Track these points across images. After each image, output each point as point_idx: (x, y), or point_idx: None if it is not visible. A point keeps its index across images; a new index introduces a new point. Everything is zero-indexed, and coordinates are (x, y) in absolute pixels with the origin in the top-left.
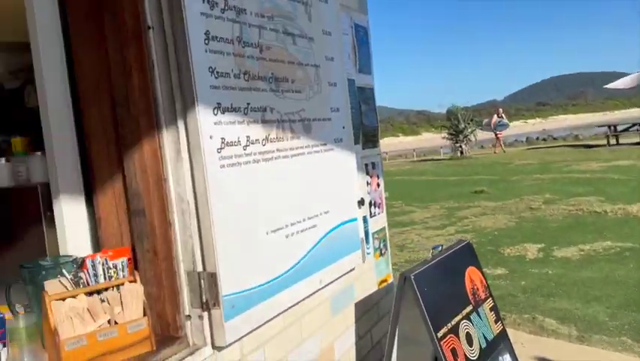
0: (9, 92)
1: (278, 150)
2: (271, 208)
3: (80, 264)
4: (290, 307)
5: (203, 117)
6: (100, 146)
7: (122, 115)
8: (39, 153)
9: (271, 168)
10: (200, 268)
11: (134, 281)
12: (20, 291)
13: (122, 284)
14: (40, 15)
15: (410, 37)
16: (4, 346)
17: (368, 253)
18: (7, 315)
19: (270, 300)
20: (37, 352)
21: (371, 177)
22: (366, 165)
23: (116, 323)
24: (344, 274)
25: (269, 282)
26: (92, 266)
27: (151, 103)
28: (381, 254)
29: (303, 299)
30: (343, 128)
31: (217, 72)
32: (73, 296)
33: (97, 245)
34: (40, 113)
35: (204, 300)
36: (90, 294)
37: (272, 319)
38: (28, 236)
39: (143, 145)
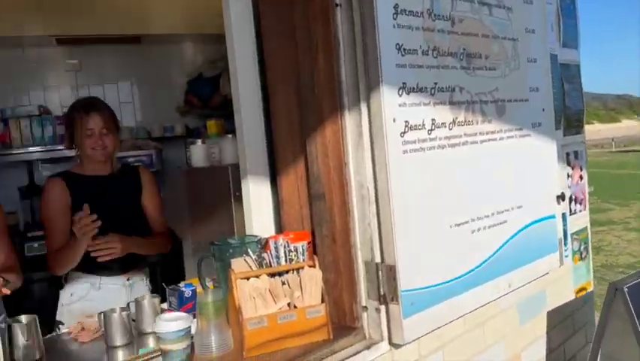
0: (208, 79)
1: (466, 134)
2: (456, 200)
3: (264, 244)
4: (473, 310)
5: (388, 99)
6: (285, 129)
7: (307, 98)
8: (230, 136)
9: (458, 155)
10: (378, 259)
11: (313, 266)
12: (210, 266)
13: (302, 268)
14: (234, 6)
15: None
16: (194, 318)
17: (566, 256)
18: (198, 288)
19: (451, 300)
20: (222, 327)
21: (572, 168)
22: (568, 154)
23: (295, 306)
24: (536, 279)
25: (451, 281)
26: (274, 248)
27: (335, 84)
28: (581, 258)
29: (488, 303)
30: (543, 110)
31: (404, 49)
32: (257, 276)
33: (279, 227)
34: (232, 99)
35: (382, 293)
36: (272, 275)
37: (452, 321)
38: (220, 213)
39: (325, 128)
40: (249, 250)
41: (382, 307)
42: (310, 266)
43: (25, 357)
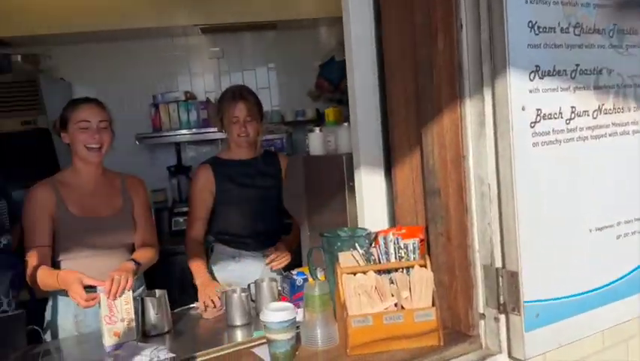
0: (339, 62)
1: (614, 124)
2: (599, 199)
3: (373, 239)
4: (611, 327)
5: (516, 83)
6: (401, 119)
7: (424, 85)
8: (346, 124)
9: (603, 147)
10: (498, 264)
11: (424, 266)
12: (319, 256)
13: (412, 267)
14: None
15: None
16: (299, 308)
17: None
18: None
19: (586, 314)
20: (328, 320)
21: None
22: None
23: (402, 307)
24: None
25: (587, 292)
26: (383, 243)
27: (455, 69)
28: None
29: (632, 319)
30: None
31: (538, 27)
32: (364, 272)
33: (393, 221)
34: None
35: (502, 301)
36: (379, 273)
37: (586, 337)
38: (334, 203)
39: (443, 118)
40: (357, 243)
41: (502, 317)
42: (421, 266)
43: (154, 329)
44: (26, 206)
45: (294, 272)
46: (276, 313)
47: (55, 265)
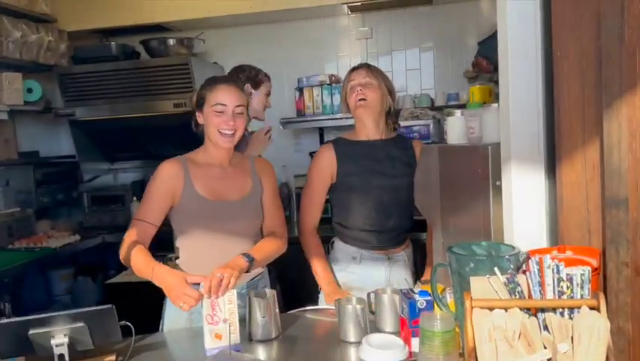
0: None
1: None
2: None
3: (523, 261)
4: None
5: None
6: (573, 98)
7: (609, 49)
8: (494, 105)
9: None
10: None
11: (597, 308)
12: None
13: (578, 308)
14: None
15: None
16: (415, 336)
17: None
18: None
19: None
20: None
21: None
22: None
23: None
24: None
25: None
26: (537, 269)
27: None
28: None
29: None
30: None
31: None
32: (505, 309)
33: (554, 237)
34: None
35: None
36: (527, 311)
37: None
38: (474, 206)
39: (636, 94)
40: (498, 266)
41: None
42: (592, 308)
43: (260, 333)
44: (151, 179)
45: (416, 290)
46: (378, 352)
47: (172, 250)
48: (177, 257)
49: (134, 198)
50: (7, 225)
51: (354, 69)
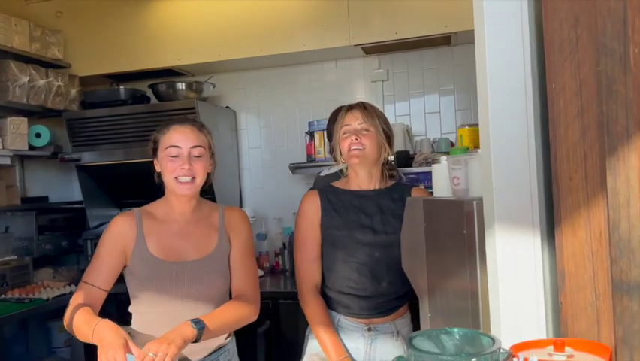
0: None
1: None
2: None
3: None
4: None
5: None
6: (570, 152)
7: (612, 76)
8: (479, 151)
9: None
10: None
11: None
12: None
13: None
14: None
15: None
16: None
17: None
18: None
19: None
20: None
21: None
22: None
23: None
24: None
25: None
26: None
27: None
28: None
29: None
30: None
31: None
32: None
33: (555, 328)
34: None
35: None
36: None
37: None
38: (459, 275)
39: None
40: None
41: None
42: None
43: None
44: (102, 236)
45: None
46: None
47: (127, 317)
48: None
49: None
50: (1, 274)
51: (348, 109)
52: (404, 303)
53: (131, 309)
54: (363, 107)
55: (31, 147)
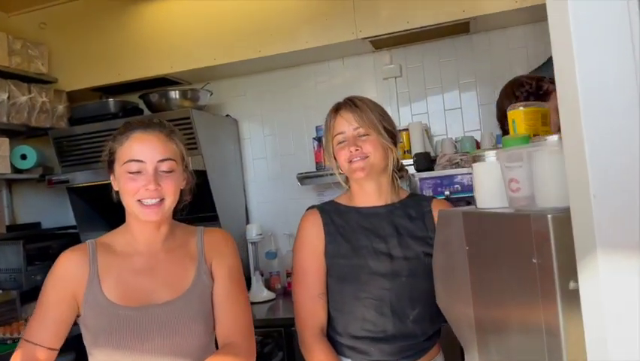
0: None
1: None
2: None
3: None
4: None
5: None
6: None
7: None
8: (554, 139)
9: None
10: None
11: None
12: None
13: None
14: None
15: None
16: None
17: None
18: None
19: None
20: None
21: None
22: None
23: None
24: None
25: None
26: None
27: None
28: None
29: None
30: None
31: None
32: None
33: None
34: None
35: None
36: None
37: None
38: (533, 322)
39: None
40: None
41: None
42: None
43: None
44: (45, 280)
45: None
46: None
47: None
48: None
49: None
50: None
51: (336, 110)
52: (435, 343)
53: None
54: (353, 104)
55: (17, 170)
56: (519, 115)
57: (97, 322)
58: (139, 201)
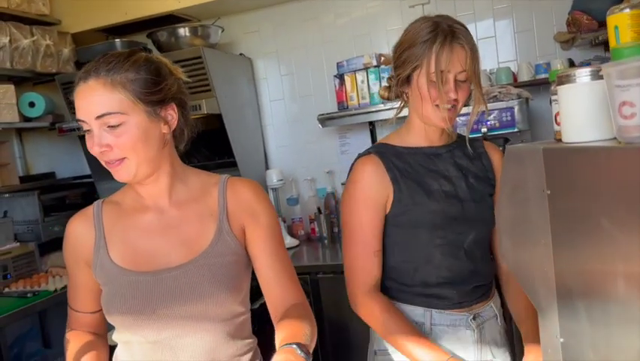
0: None
1: None
2: None
3: None
4: None
5: None
6: None
7: None
8: None
9: None
10: None
11: None
12: None
13: None
14: None
15: None
16: None
17: None
18: None
19: None
20: None
21: None
22: None
23: None
24: None
25: None
26: None
27: None
28: None
29: None
30: None
31: None
32: None
33: None
34: None
35: None
36: None
37: None
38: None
39: None
40: None
41: None
42: None
43: None
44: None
45: None
46: None
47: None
48: None
49: None
50: (2, 265)
51: (449, 39)
52: (493, 280)
53: (114, 337)
54: (470, 42)
55: (27, 119)
56: (624, 19)
57: (108, 288)
58: (105, 162)
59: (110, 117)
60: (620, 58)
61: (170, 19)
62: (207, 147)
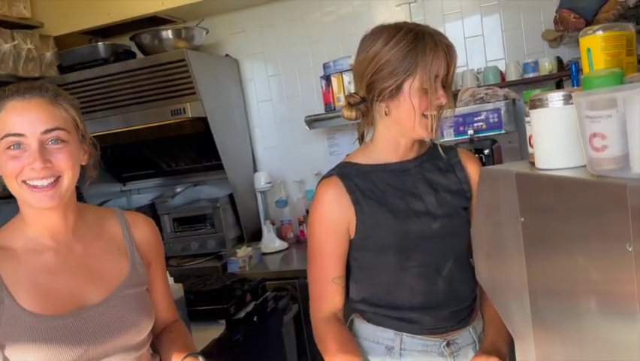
0: None
1: None
2: None
3: None
4: None
5: None
6: None
7: None
8: None
9: None
10: None
11: None
12: None
13: None
14: None
15: None
16: None
17: None
18: None
19: None
20: None
21: None
22: None
23: None
24: None
25: None
26: None
27: None
28: None
29: None
30: None
31: None
32: None
33: None
34: None
35: None
36: None
37: None
38: (617, 333)
39: None
40: None
41: None
42: None
43: None
44: None
45: None
46: None
47: None
48: None
49: None
50: None
51: (434, 45)
52: (476, 302)
53: None
54: (449, 43)
55: None
56: (596, 42)
57: (22, 343)
58: (24, 182)
59: (60, 132)
60: (590, 88)
61: (155, 21)
62: (194, 149)
